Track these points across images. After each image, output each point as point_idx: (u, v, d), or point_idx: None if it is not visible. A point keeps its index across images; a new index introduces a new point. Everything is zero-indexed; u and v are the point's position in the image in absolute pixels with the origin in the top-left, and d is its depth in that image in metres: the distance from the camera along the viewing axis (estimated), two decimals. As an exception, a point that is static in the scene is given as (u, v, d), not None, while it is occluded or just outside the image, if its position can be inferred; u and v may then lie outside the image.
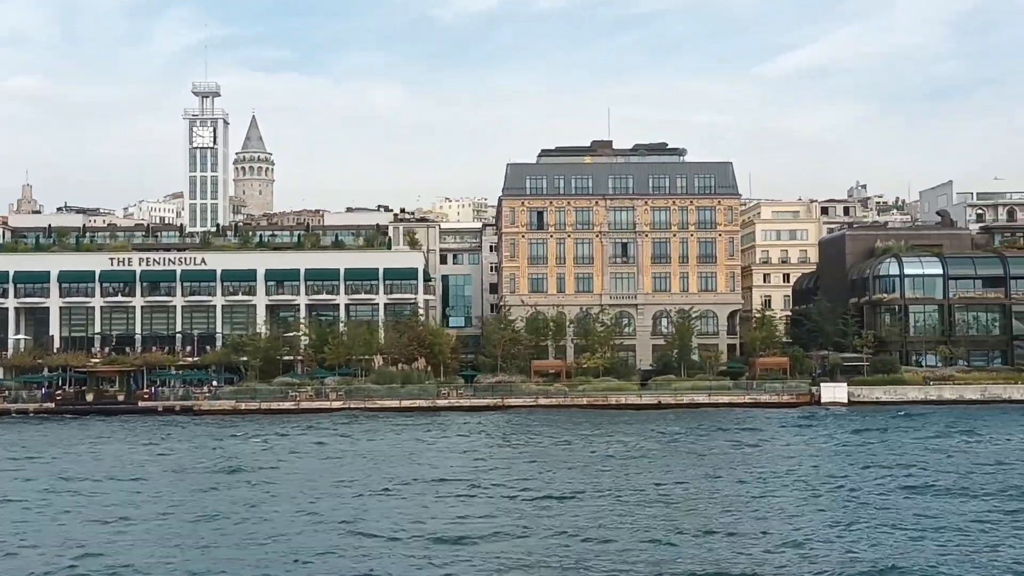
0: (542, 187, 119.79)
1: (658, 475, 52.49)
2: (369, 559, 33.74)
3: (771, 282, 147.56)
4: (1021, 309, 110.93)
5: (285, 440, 71.46)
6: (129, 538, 37.72)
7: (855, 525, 38.73)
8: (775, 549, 34.61)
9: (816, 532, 37.49)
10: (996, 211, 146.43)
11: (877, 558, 33.11)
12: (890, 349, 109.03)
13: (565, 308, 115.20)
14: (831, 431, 74.89)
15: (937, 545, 35.06)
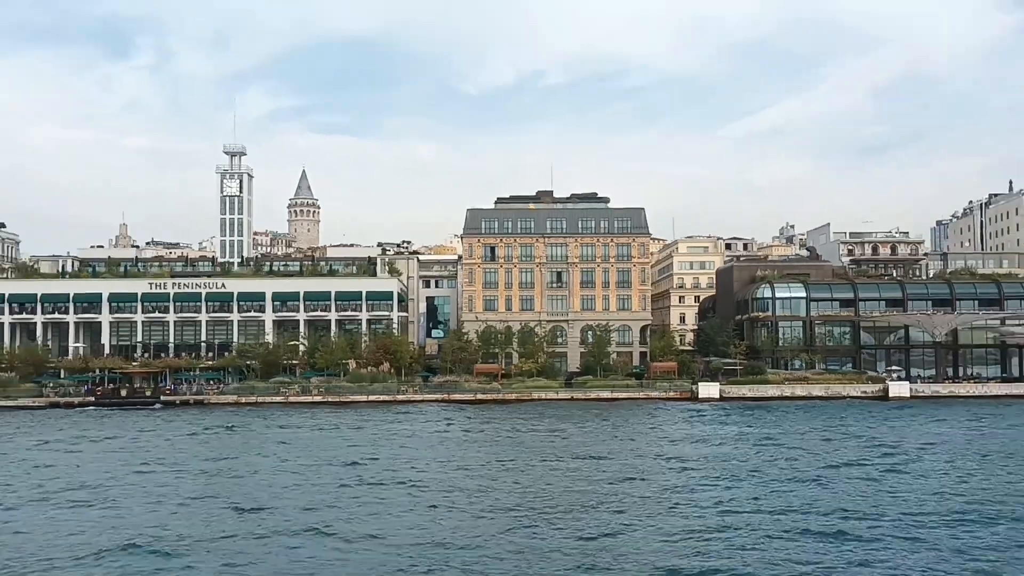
0: (494, 227, 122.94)
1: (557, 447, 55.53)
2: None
3: (685, 303, 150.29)
4: (867, 324, 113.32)
5: (256, 426, 74.45)
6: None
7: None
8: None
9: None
10: (863, 247, 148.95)
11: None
12: (763, 356, 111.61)
13: (511, 323, 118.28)
14: (680, 415, 77.65)
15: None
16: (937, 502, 37.71)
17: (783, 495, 39.73)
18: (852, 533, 32.21)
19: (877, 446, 56.40)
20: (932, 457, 51.63)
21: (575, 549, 30.38)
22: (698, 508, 36.84)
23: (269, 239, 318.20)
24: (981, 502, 37.58)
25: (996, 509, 36.23)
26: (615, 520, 34.51)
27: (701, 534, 32.33)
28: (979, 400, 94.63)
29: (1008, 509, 36.13)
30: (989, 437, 61.45)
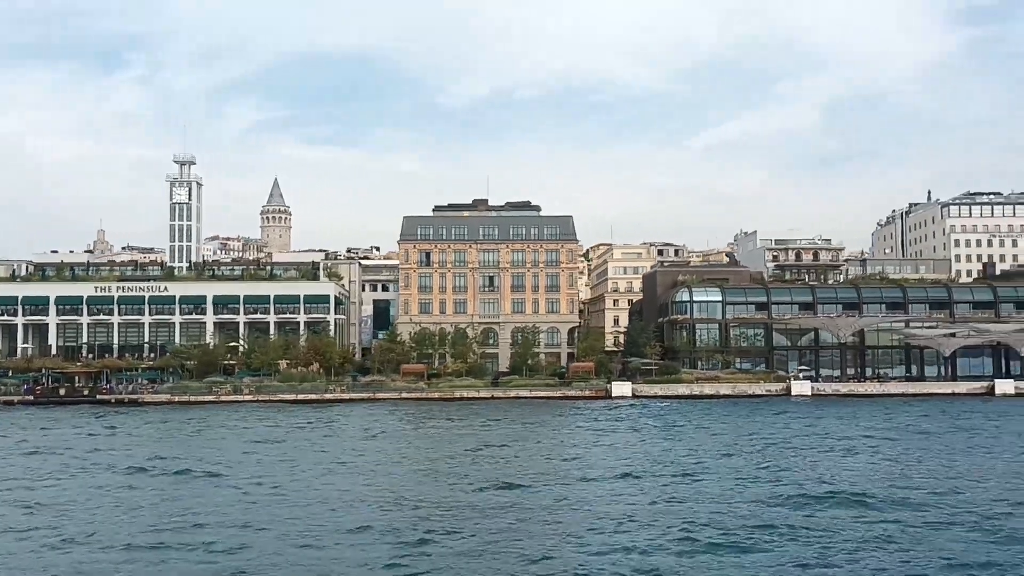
0: (429, 234, 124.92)
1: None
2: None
3: (619, 306, 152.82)
4: (780, 327, 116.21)
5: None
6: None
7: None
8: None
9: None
10: (787, 253, 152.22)
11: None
12: (680, 357, 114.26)
13: (445, 326, 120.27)
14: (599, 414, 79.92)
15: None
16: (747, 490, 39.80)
17: (609, 483, 41.86)
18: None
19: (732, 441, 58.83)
20: (776, 451, 54.02)
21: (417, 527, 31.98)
22: (547, 494, 38.66)
23: (241, 244, 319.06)
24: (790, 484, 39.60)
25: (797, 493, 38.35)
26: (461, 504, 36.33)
27: (539, 515, 34.04)
28: (876, 398, 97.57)
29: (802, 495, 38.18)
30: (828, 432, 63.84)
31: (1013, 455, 50.38)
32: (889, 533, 30.86)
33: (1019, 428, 65.48)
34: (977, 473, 43.96)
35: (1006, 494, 37.76)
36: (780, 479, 42.34)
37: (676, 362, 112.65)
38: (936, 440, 58.15)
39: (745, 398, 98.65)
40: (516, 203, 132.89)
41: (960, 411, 79.21)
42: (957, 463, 47.47)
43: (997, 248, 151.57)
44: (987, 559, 27.49)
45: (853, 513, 34.33)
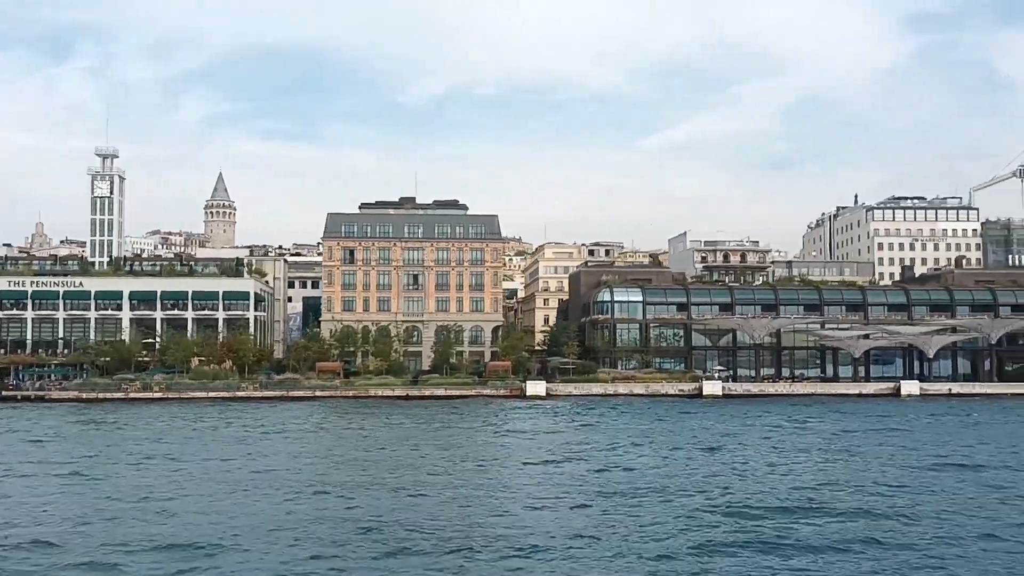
0: (353, 231, 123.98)
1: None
2: None
3: (549, 305, 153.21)
4: (699, 327, 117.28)
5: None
6: None
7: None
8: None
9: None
10: (715, 255, 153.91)
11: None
12: (600, 356, 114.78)
13: (368, 323, 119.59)
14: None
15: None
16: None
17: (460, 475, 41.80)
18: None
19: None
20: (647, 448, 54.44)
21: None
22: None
23: (183, 239, 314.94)
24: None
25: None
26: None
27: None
28: (785, 398, 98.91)
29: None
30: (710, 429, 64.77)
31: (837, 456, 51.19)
32: (664, 520, 31.52)
33: (879, 426, 66.86)
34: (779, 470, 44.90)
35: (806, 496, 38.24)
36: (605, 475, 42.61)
37: (596, 361, 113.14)
38: (786, 437, 59.64)
39: (658, 397, 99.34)
40: (443, 202, 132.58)
41: (852, 411, 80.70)
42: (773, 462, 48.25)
43: (919, 251, 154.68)
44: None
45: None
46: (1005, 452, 52.17)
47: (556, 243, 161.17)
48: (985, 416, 77.00)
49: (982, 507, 35.04)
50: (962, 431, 65.02)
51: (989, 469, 45.25)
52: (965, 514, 33.61)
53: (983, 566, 26.54)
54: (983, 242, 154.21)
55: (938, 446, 55.05)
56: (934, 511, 34.15)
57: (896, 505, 35.43)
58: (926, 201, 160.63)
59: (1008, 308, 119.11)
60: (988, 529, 31.14)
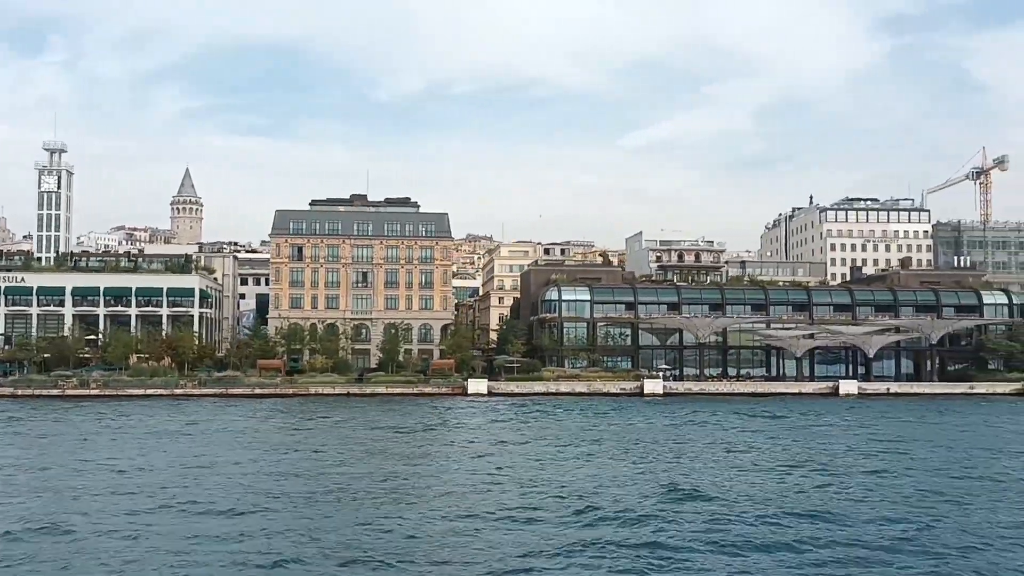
0: (302, 228, 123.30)
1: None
2: None
3: (504, 303, 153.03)
4: (646, 326, 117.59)
5: None
6: None
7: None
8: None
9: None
10: (670, 254, 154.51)
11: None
12: (547, 355, 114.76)
13: (316, 321, 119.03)
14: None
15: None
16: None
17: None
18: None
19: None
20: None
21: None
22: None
23: (148, 235, 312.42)
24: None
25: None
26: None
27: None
28: (725, 397, 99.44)
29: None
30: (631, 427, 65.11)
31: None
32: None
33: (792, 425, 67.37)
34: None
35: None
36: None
37: (543, 360, 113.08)
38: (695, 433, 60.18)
39: (600, 396, 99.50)
40: (394, 199, 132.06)
41: (773, 410, 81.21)
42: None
43: (871, 252, 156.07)
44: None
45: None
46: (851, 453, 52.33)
47: (513, 242, 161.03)
48: (899, 415, 77.71)
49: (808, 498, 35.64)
50: (856, 430, 65.44)
51: (836, 471, 45.35)
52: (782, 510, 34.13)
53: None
54: (934, 243, 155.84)
55: (809, 447, 55.31)
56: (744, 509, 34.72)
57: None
58: (879, 203, 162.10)
59: (952, 309, 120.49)
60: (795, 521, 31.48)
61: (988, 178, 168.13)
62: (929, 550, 28.74)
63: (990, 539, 30.19)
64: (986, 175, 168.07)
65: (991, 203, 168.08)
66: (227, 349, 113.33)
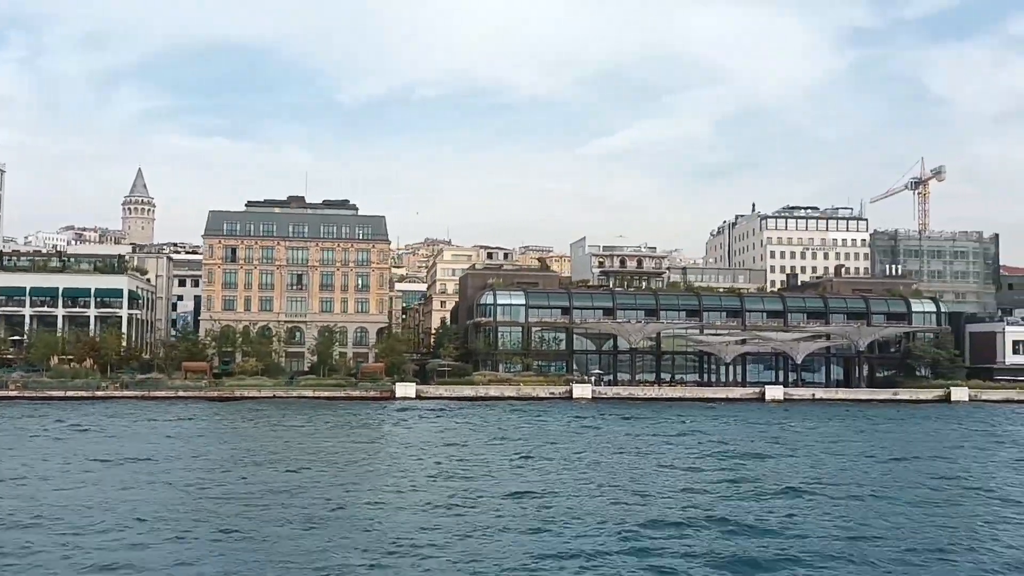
0: (236, 229, 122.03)
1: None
2: None
3: (447, 307, 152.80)
4: (581, 331, 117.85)
5: None
6: None
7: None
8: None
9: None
10: (613, 260, 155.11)
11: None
12: (480, 359, 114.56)
13: (250, 323, 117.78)
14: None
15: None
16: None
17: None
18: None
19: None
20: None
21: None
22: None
23: (98, 235, 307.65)
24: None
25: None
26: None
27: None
28: (652, 402, 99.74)
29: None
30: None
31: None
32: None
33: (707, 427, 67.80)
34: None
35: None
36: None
37: (477, 364, 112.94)
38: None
39: (529, 400, 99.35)
40: (333, 202, 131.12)
41: (686, 415, 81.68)
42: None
43: (809, 260, 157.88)
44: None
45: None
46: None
47: (455, 246, 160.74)
48: (803, 420, 78.54)
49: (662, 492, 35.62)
50: (759, 433, 66.10)
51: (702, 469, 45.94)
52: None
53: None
54: (871, 252, 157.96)
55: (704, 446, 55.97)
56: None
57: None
58: (819, 211, 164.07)
59: (882, 316, 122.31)
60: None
61: (926, 188, 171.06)
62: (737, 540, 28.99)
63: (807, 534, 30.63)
64: (924, 185, 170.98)
65: (929, 213, 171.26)
66: (152, 351, 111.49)
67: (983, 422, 78.93)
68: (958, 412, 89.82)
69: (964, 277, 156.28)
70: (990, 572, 26.69)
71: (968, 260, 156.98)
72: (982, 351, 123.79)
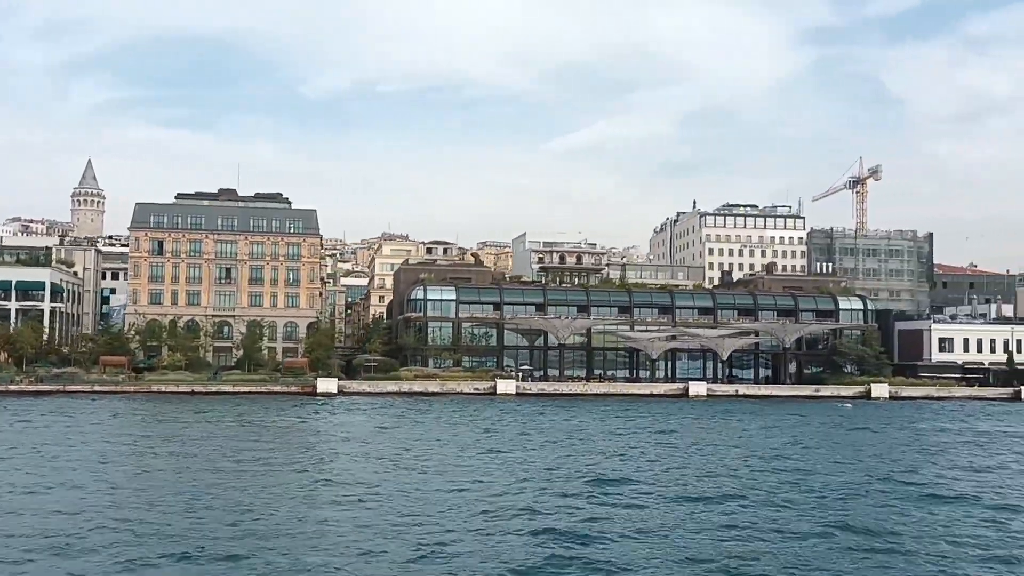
0: (163, 222, 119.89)
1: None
2: None
3: (385, 302, 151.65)
4: (511, 327, 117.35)
5: None
6: None
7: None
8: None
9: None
10: (552, 256, 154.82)
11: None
12: (409, 354, 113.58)
13: (176, 317, 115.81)
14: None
15: None
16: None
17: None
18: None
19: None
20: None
21: None
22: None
23: (45, 227, 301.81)
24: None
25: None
26: None
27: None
28: (575, 397, 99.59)
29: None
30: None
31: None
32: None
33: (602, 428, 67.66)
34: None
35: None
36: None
37: (406, 359, 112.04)
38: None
39: (453, 396, 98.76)
40: (265, 195, 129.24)
41: (597, 411, 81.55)
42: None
43: (747, 257, 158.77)
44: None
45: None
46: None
47: (395, 240, 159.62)
48: (714, 416, 78.80)
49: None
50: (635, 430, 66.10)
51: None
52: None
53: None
54: (808, 250, 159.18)
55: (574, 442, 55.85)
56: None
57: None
58: (758, 209, 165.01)
59: (811, 314, 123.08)
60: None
61: (864, 187, 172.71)
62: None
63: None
64: (862, 184, 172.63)
65: (867, 211, 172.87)
66: (70, 346, 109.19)
67: (889, 417, 79.60)
68: (866, 409, 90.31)
69: (899, 275, 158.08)
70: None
71: (903, 259, 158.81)
72: (910, 348, 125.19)
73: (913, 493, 38.46)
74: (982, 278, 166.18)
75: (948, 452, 54.53)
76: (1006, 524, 32.36)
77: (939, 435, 65.68)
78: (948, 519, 33.14)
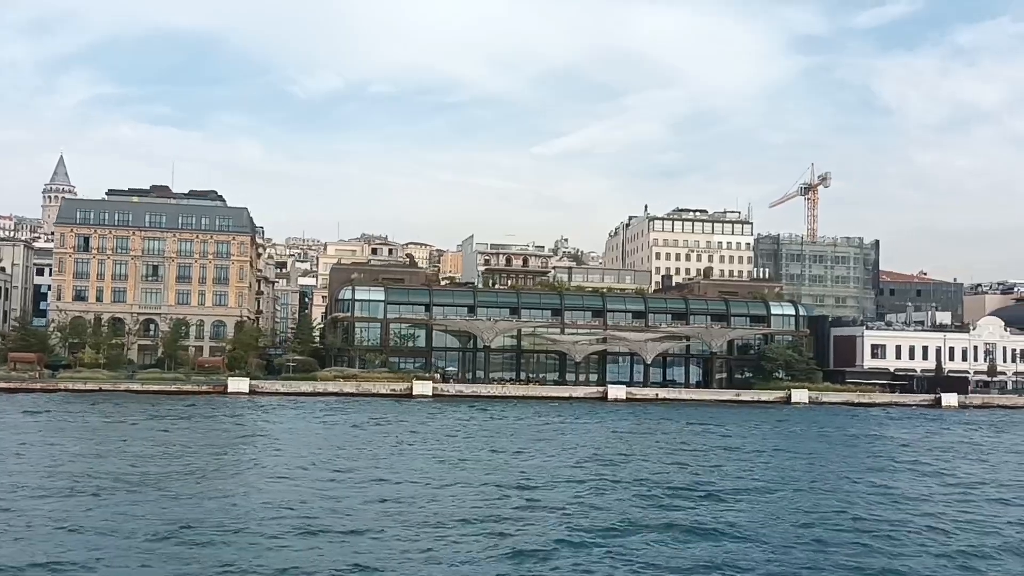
0: (90, 218, 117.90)
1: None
2: None
3: (327, 301, 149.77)
4: (440, 329, 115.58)
5: None
6: None
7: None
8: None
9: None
10: (499, 258, 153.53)
11: None
12: (334, 355, 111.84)
13: (101, 314, 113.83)
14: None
15: None
16: None
17: None
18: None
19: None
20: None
21: None
22: None
23: (13, 223, 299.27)
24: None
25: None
26: None
27: None
28: (493, 399, 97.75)
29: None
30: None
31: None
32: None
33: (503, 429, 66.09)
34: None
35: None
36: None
37: (331, 360, 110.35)
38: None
39: (368, 397, 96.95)
40: (198, 192, 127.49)
41: (504, 413, 79.99)
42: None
43: (694, 262, 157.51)
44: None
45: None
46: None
47: (339, 240, 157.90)
48: (627, 419, 77.36)
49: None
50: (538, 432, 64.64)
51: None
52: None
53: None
54: (755, 255, 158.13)
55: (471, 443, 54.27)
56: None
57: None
58: (707, 214, 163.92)
59: (744, 319, 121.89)
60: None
61: (815, 194, 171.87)
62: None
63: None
64: (813, 191, 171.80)
65: (817, 218, 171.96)
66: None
67: (786, 422, 78.29)
68: (779, 413, 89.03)
69: (844, 282, 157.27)
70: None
71: (849, 265, 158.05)
72: (844, 354, 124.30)
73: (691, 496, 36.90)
74: (929, 286, 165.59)
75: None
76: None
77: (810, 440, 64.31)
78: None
